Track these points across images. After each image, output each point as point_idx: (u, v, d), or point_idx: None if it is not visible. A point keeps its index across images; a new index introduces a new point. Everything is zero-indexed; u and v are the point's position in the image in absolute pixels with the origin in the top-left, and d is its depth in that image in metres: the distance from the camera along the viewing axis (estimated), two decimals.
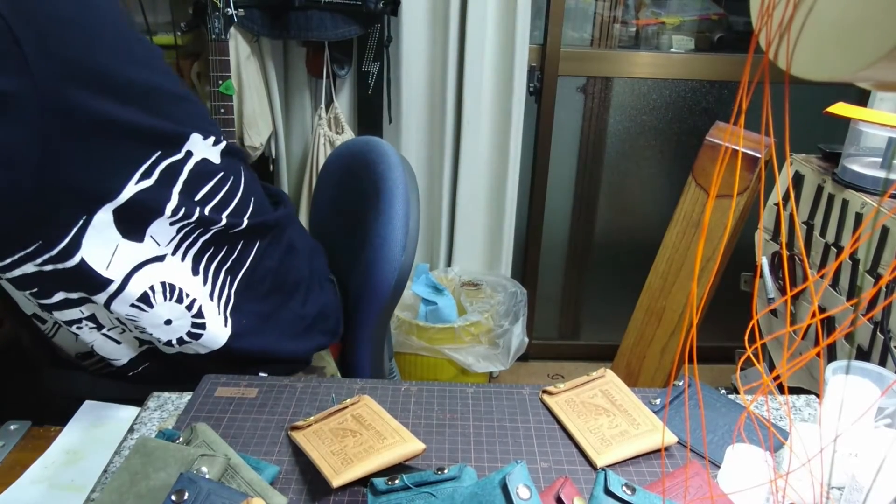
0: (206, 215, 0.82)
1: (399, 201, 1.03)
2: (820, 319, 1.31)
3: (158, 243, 0.80)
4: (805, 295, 1.49)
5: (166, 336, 0.84)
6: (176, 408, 0.82)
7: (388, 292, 1.03)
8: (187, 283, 0.83)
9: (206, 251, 0.85)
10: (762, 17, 0.36)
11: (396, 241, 1.02)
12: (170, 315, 0.82)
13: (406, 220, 1.03)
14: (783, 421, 0.81)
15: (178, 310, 0.83)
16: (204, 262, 0.85)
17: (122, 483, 0.63)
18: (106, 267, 0.76)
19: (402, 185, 1.05)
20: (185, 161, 0.80)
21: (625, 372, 1.74)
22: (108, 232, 0.75)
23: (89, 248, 0.75)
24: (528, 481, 0.58)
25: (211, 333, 0.86)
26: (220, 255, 0.87)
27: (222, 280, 0.88)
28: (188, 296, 0.83)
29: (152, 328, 0.83)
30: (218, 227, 0.84)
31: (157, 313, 0.81)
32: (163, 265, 0.81)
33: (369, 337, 1.07)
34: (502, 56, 1.89)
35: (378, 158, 1.09)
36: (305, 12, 1.68)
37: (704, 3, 2.15)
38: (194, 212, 0.81)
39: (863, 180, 1.36)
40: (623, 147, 2.21)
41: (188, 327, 0.84)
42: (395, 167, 1.07)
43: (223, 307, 0.88)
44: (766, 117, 0.37)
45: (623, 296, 2.01)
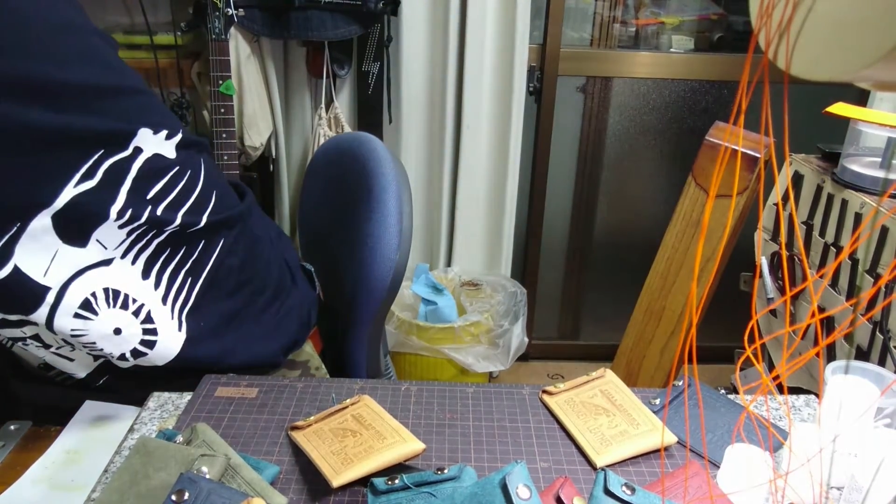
0: (157, 216, 0.78)
1: (392, 200, 1.02)
2: (819, 319, 1.31)
3: (105, 247, 0.76)
4: (804, 295, 1.49)
5: (118, 349, 0.79)
6: (176, 408, 0.82)
7: (383, 292, 1.02)
8: (134, 288, 0.79)
9: (160, 254, 0.81)
10: (762, 17, 0.36)
11: (391, 241, 1.01)
12: (117, 323, 0.78)
13: (399, 219, 1.02)
14: (783, 421, 0.81)
15: (124, 317, 0.78)
16: (158, 266, 0.81)
17: (123, 483, 0.63)
18: (43, 274, 0.72)
19: (394, 183, 1.03)
20: (132, 158, 0.75)
21: (624, 372, 1.74)
22: (46, 238, 0.71)
23: (24, 254, 0.70)
24: (527, 481, 0.58)
25: (164, 341, 0.82)
26: (178, 257, 0.82)
27: (180, 282, 0.83)
28: (135, 301, 0.79)
29: (101, 341, 0.77)
30: (172, 227, 0.80)
31: (104, 322, 0.76)
32: (108, 269, 0.76)
33: (365, 336, 1.06)
34: (502, 56, 1.89)
35: (368, 155, 1.08)
36: (305, 12, 1.68)
37: (704, 3, 2.15)
38: (143, 213, 0.76)
39: (862, 180, 1.36)
40: (623, 147, 2.21)
41: (140, 335, 0.80)
42: (385, 164, 1.05)
43: (177, 311, 0.83)
44: (766, 117, 0.37)
45: (623, 296, 2.01)
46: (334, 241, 1.14)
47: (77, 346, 0.80)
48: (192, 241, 0.83)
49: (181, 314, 0.84)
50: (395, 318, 1.92)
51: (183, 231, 0.81)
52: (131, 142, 0.75)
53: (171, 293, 0.82)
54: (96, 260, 0.75)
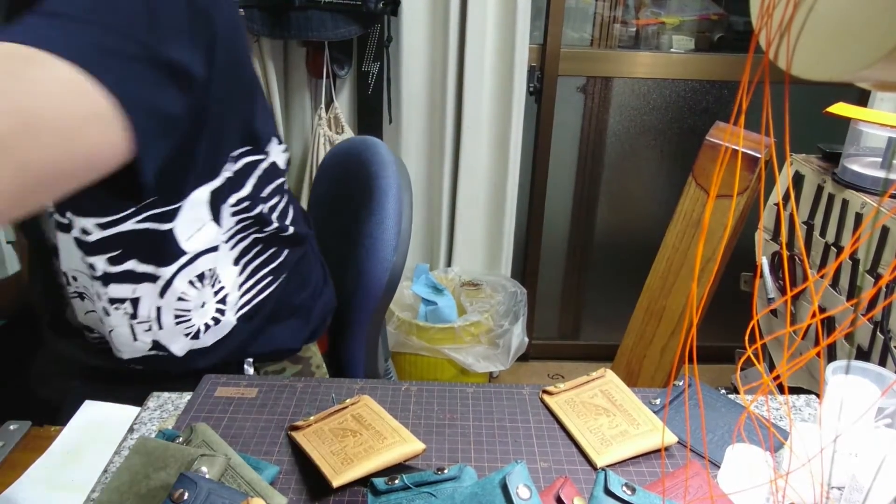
0: (264, 214, 0.86)
1: (391, 201, 1.03)
2: (820, 319, 1.31)
3: (220, 228, 0.83)
4: (805, 295, 1.49)
5: (201, 321, 0.85)
6: (176, 408, 0.82)
7: (379, 293, 1.02)
8: (223, 272, 0.86)
9: (253, 247, 0.88)
10: (762, 17, 0.36)
11: (388, 242, 1.01)
12: (205, 299, 0.85)
13: (398, 220, 1.02)
14: (783, 421, 0.81)
15: (210, 295, 0.85)
16: (248, 257, 0.88)
17: (122, 483, 0.63)
18: (186, 240, 0.79)
19: (394, 185, 1.04)
20: (262, 160, 0.85)
21: (625, 372, 1.74)
22: (199, 209, 0.78)
23: (182, 221, 0.78)
24: (528, 481, 0.58)
25: (221, 326, 0.88)
26: (265, 256, 0.90)
27: (259, 278, 0.90)
28: (220, 283, 0.86)
29: (194, 311, 0.84)
30: (271, 227, 0.88)
31: (203, 294, 0.84)
32: (216, 253, 0.83)
33: (362, 337, 1.06)
34: (502, 56, 1.88)
35: (371, 158, 1.08)
36: (305, 12, 1.68)
37: (704, 3, 2.15)
38: (255, 208, 0.84)
39: (863, 180, 1.36)
40: (623, 147, 2.21)
41: (212, 314, 0.86)
42: (387, 166, 1.06)
43: (244, 303, 0.90)
44: (766, 117, 0.37)
45: (623, 296, 2.01)
46: (335, 241, 1.14)
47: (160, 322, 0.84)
48: (280, 245, 0.91)
49: (245, 306, 0.90)
50: (395, 318, 1.92)
51: (277, 234, 0.90)
52: (267, 146, 0.86)
53: (248, 284, 0.89)
54: (218, 240, 0.83)
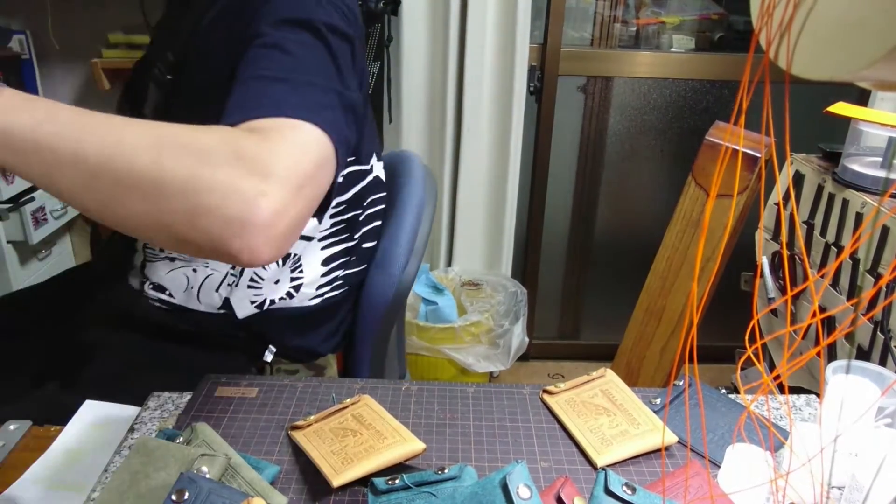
0: (359, 220, 0.96)
1: (408, 218, 1.02)
2: (820, 319, 1.31)
3: (317, 227, 0.93)
4: (805, 295, 1.49)
5: (271, 294, 0.93)
6: (176, 407, 0.82)
7: (383, 307, 1.01)
8: (309, 266, 0.94)
9: (341, 256, 0.97)
10: (762, 17, 0.36)
11: (398, 258, 1.00)
12: (281, 277, 0.93)
13: (413, 237, 1.01)
14: (783, 420, 0.81)
15: (286, 275, 0.93)
16: (335, 264, 0.97)
17: (123, 483, 0.63)
18: None
19: (414, 202, 1.03)
20: (367, 173, 0.95)
21: (625, 371, 1.74)
22: None
23: None
24: (528, 481, 0.58)
25: (287, 304, 0.95)
26: (348, 262, 0.99)
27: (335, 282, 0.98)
28: (301, 272, 0.94)
29: (267, 282, 0.92)
30: (359, 235, 0.98)
31: (280, 273, 0.92)
32: (307, 244, 0.93)
33: (366, 351, 1.06)
34: (502, 56, 1.88)
35: (401, 170, 1.08)
36: None
37: (705, 3, 2.15)
38: (352, 211, 0.94)
39: (863, 180, 1.36)
40: (623, 147, 2.21)
41: (282, 293, 0.94)
42: (413, 182, 1.06)
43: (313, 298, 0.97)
44: (766, 117, 0.37)
45: (623, 295, 2.01)
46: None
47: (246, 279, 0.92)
48: (360, 258, 1.01)
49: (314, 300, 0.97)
50: None
51: (365, 242, 1.00)
52: (371, 160, 0.96)
53: (325, 286, 0.98)
54: (307, 233, 0.92)
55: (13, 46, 1.73)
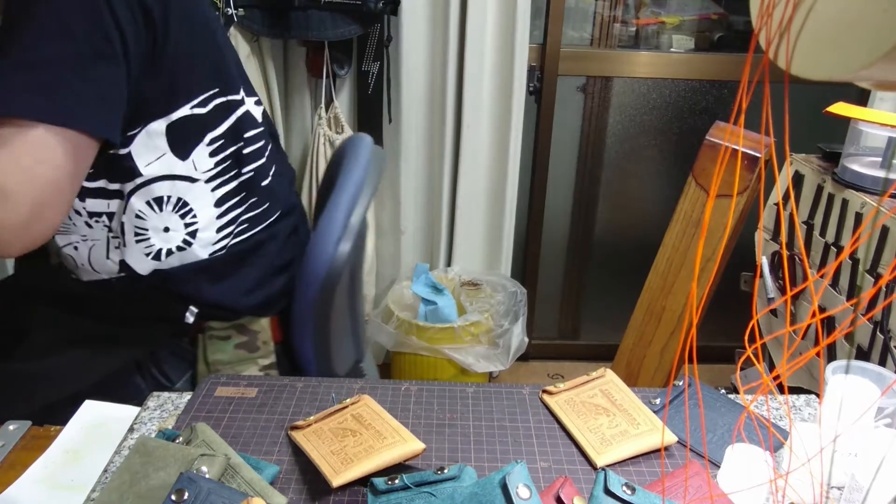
0: (242, 154, 0.95)
1: (344, 196, 1.03)
2: (820, 319, 1.31)
3: (196, 168, 0.90)
4: (805, 295, 1.49)
5: (161, 244, 0.92)
6: (176, 407, 0.82)
7: (317, 285, 1.00)
8: (202, 210, 0.93)
9: (236, 194, 0.96)
10: (762, 17, 0.36)
11: (332, 234, 1.00)
12: (168, 224, 0.91)
13: (348, 215, 1.02)
14: (783, 421, 0.81)
15: (175, 221, 0.91)
16: (230, 204, 0.96)
17: (122, 483, 0.63)
18: (146, 165, 0.87)
19: (354, 181, 1.04)
20: (237, 105, 0.94)
21: (625, 372, 1.74)
22: (157, 140, 0.86)
23: (138, 147, 0.86)
24: (527, 481, 0.58)
25: (189, 252, 0.94)
26: (248, 204, 0.98)
27: (238, 223, 0.98)
28: (194, 217, 0.92)
29: (153, 231, 0.91)
30: (250, 169, 0.97)
31: (162, 219, 0.91)
32: (191, 186, 0.91)
33: (307, 330, 1.05)
34: (502, 56, 1.88)
35: (350, 151, 1.10)
36: (305, 12, 1.68)
37: (704, 3, 2.15)
38: (231, 148, 0.93)
39: (863, 180, 1.36)
40: (623, 147, 2.21)
41: (178, 241, 0.93)
42: (357, 162, 1.07)
43: (217, 241, 0.96)
44: (766, 117, 0.37)
45: (623, 296, 2.01)
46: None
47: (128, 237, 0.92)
48: (261, 195, 0.99)
49: (219, 244, 0.96)
50: (395, 317, 1.92)
51: (257, 181, 0.98)
52: (240, 92, 0.95)
53: (225, 228, 0.96)
54: (185, 174, 0.90)
55: None
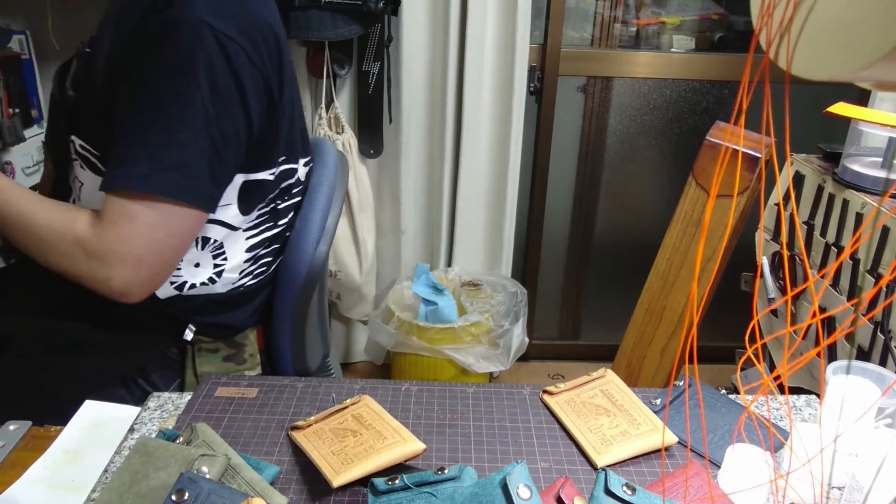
0: (279, 209, 1.00)
1: (320, 198, 1.07)
2: (820, 319, 1.31)
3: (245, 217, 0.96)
4: (805, 295, 1.49)
5: (189, 277, 0.95)
6: (176, 408, 0.82)
7: (298, 285, 1.04)
8: (234, 255, 0.97)
9: (263, 244, 1.01)
10: (762, 17, 0.36)
11: (311, 235, 1.04)
12: (201, 260, 0.95)
13: (324, 216, 1.06)
14: (783, 421, 0.81)
15: (207, 259, 0.96)
16: (258, 252, 1.00)
17: (123, 483, 0.63)
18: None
19: (326, 183, 1.08)
20: (295, 171, 1.01)
21: (625, 372, 1.74)
22: (230, 191, 0.91)
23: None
24: (528, 481, 0.58)
25: (210, 289, 0.98)
26: (270, 250, 1.03)
27: (258, 267, 1.02)
28: (225, 259, 0.97)
29: (185, 264, 0.94)
30: (283, 224, 1.02)
31: (200, 256, 0.95)
32: (231, 233, 0.95)
33: (286, 329, 1.08)
34: (502, 56, 1.88)
35: (315, 156, 1.13)
36: (306, 12, 1.68)
37: (705, 3, 2.15)
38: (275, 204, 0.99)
39: (863, 180, 1.36)
40: (623, 147, 2.21)
41: (203, 278, 0.96)
42: (325, 165, 1.11)
43: (237, 281, 1.00)
44: (767, 117, 0.37)
45: (623, 296, 2.01)
46: None
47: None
48: (281, 244, 1.05)
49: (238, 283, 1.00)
50: (395, 318, 1.92)
51: (284, 233, 1.04)
52: (298, 160, 1.02)
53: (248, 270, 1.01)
54: (234, 224, 0.95)
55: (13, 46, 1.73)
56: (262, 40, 0.86)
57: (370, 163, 1.98)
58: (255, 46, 0.85)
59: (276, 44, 0.90)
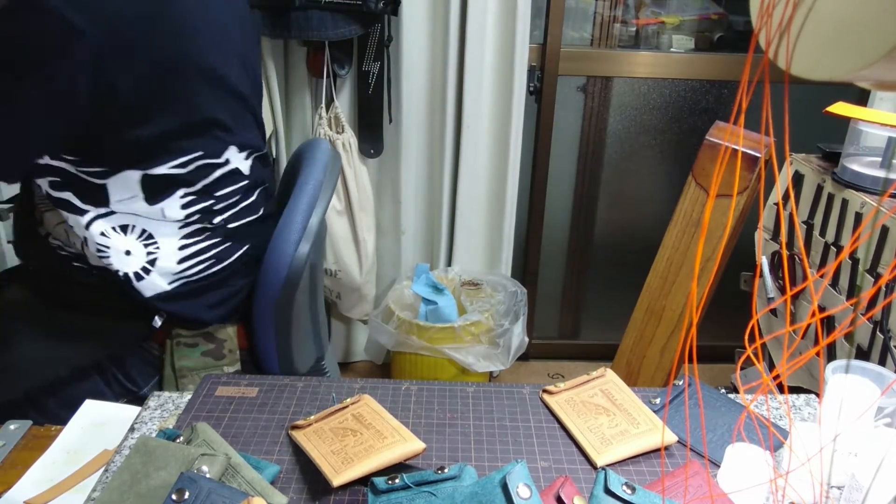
0: (214, 208, 0.99)
1: (303, 198, 1.06)
2: (820, 319, 1.31)
3: (164, 216, 0.95)
4: (805, 294, 1.49)
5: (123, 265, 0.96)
6: (176, 407, 0.82)
7: (278, 285, 1.03)
8: (166, 245, 0.97)
9: (201, 234, 0.99)
10: (762, 17, 0.36)
11: (291, 236, 1.03)
12: (131, 247, 0.96)
13: (306, 217, 1.05)
14: (783, 420, 0.81)
15: (137, 247, 0.96)
16: (193, 241, 0.99)
17: (123, 482, 0.63)
18: (118, 201, 0.93)
19: (311, 184, 1.07)
20: (220, 166, 0.98)
21: (625, 371, 1.74)
22: (132, 185, 0.92)
23: (113, 184, 0.92)
24: (528, 480, 0.58)
25: (147, 281, 0.98)
26: (211, 243, 1.01)
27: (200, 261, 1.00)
28: (157, 247, 0.97)
29: (114, 252, 0.95)
30: (219, 220, 1.00)
31: (128, 243, 0.95)
32: (156, 222, 0.96)
33: (269, 329, 1.07)
34: (502, 56, 1.88)
35: (308, 156, 1.13)
36: (306, 12, 1.68)
37: (704, 3, 2.15)
38: (204, 201, 0.97)
39: (862, 180, 1.36)
40: (623, 147, 2.21)
41: (136, 268, 0.97)
42: (314, 165, 1.10)
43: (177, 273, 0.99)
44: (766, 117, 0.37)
45: (623, 295, 2.01)
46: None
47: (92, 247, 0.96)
48: (229, 236, 1.03)
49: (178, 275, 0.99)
50: (395, 317, 1.92)
51: (224, 225, 1.01)
52: (221, 156, 0.98)
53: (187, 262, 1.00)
54: (152, 217, 0.95)
55: None
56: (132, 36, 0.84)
57: (370, 163, 1.98)
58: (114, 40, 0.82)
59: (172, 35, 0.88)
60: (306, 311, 1.18)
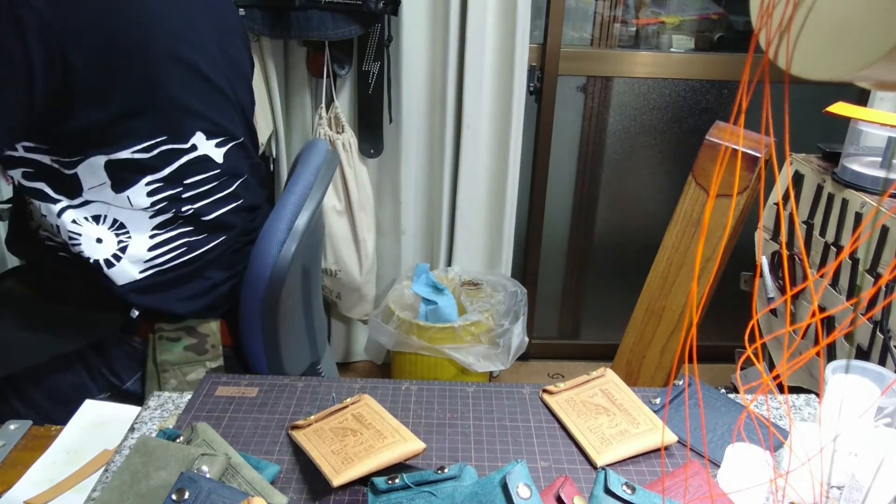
0: (182, 196, 0.98)
1: (291, 200, 1.05)
2: (820, 319, 1.31)
3: (131, 204, 0.95)
4: (805, 294, 1.49)
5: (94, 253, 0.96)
6: (176, 407, 0.82)
7: (262, 286, 1.03)
8: (137, 233, 0.97)
9: (172, 223, 0.99)
10: (762, 17, 0.36)
11: (275, 238, 1.03)
12: (102, 235, 0.96)
13: (292, 219, 1.04)
14: (783, 420, 0.81)
15: (108, 235, 0.96)
16: (164, 230, 0.99)
17: (123, 482, 0.63)
18: (88, 189, 0.93)
19: (301, 186, 1.07)
20: (186, 152, 0.96)
21: (625, 371, 1.74)
22: (98, 172, 0.92)
23: (82, 171, 0.92)
24: (528, 480, 0.58)
25: (118, 268, 0.97)
26: (182, 231, 1.00)
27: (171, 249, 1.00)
28: (128, 234, 0.97)
29: (85, 240, 0.95)
30: (189, 210, 0.99)
31: (100, 231, 0.96)
32: (128, 212, 0.96)
33: (256, 330, 1.07)
34: (502, 56, 1.88)
35: (304, 157, 1.12)
36: (306, 12, 1.68)
37: (704, 3, 2.15)
38: (171, 189, 0.96)
39: (862, 180, 1.36)
40: (623, 147, 2.21)
41: (107, 255, 0.96)
42: (307, 167, 1.10)
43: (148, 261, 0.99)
44: (766, 117, 0.37)
45: (623, 295, 2.01)
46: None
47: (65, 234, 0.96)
48: (202, 227, 1.01)
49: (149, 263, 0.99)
50: (395, 317, 1.92)
51: (197, 216, 1.00)
52: (188, 141, 0.96)
53: (158, 250, 1.00)
54: (121, 205, 0.95)
55: None
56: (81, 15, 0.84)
57: (370, 163, 1.98)
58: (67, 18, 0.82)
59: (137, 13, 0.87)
60: (299, 314, 1.17)
